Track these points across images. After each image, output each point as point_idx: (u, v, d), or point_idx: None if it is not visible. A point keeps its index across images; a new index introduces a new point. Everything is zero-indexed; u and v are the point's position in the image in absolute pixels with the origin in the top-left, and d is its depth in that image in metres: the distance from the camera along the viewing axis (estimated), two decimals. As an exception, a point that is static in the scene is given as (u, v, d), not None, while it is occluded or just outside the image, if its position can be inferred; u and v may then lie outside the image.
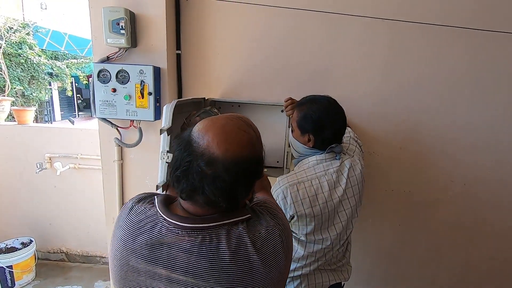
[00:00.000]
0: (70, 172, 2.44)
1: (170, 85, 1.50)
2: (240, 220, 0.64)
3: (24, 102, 6.53)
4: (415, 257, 1.72)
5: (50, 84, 6.72)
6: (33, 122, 2.56)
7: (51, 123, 8.13)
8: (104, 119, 1.49)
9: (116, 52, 1.42)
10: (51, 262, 2.61)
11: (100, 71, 1.38)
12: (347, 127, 1.39)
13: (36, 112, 7.27)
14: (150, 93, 1.38)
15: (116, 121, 1.50)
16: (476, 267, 1.70)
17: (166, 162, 0.99)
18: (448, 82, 1.48)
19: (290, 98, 1.30)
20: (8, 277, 2.14)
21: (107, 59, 1.42)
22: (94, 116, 1.46)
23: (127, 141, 1.53)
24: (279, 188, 1.10)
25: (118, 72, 1.37)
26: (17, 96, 6.41)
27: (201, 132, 0.60)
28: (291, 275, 1.18)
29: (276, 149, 1.58)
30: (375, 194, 1.64)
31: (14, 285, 2.16)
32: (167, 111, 0.99)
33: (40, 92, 6.89)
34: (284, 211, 1.10)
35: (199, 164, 0.57)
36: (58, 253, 2.64)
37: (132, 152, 1.57)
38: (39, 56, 6.62)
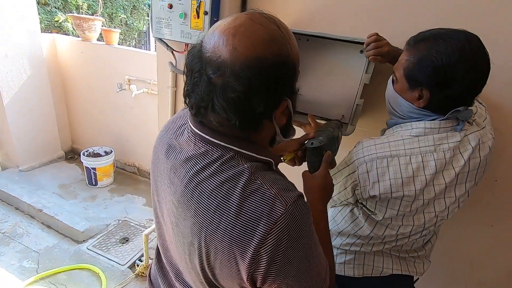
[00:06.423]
0: (143, 96, 2.63)
1: (232, 5, 1.19)
2: (253, 157, 0.53)
3: (127, 31, 6.31)
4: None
5: (148, 16, 6.38)
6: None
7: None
8: (160, 40, 1.28)
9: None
10: (126, 173, 3.11)
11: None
12: None
13: (135, 40, 6.77)
14: (206, 13, 1.26)
15: (172, 43, 1.27)
16: None
17: None
18: None
19: (376, 34, 0.92)
20: (93, 177, 2.73)
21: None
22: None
23: (181, 67, 1.31)
24: (363, 157, 0.78)
25: (176, -18, 1.15)
26: (121, 25, 6.22)
27: (209, 33, 0.50)
28: (345, 248, 0.94)
29: (344, 100, 1.16)
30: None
31: (97, 184, 2.78)
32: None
33: (139, 22, 6.59)
34: (362, 188, 0.79)
35: (208, 73, 0.47)
36: (131, 166, 3.08)
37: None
38: (141, -15, 3.95)
